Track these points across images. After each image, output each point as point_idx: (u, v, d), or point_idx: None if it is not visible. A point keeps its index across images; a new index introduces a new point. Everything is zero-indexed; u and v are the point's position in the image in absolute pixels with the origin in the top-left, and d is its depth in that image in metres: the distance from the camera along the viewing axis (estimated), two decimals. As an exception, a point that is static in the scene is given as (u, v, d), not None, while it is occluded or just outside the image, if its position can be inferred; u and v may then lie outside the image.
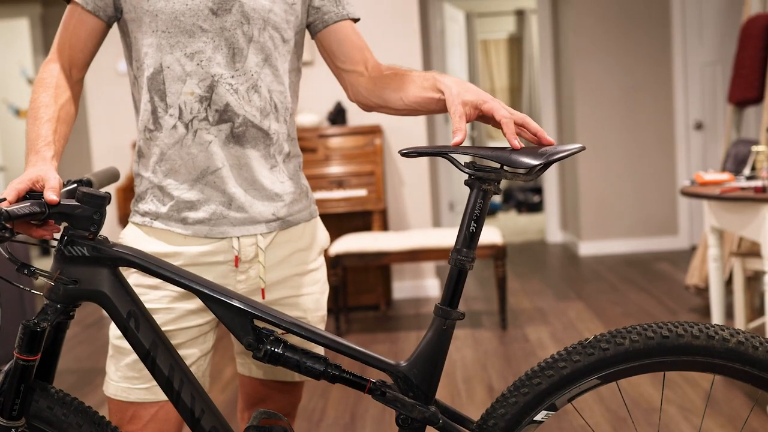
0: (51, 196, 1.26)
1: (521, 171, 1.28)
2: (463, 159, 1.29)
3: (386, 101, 1.51)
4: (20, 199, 1.27)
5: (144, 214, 1.51)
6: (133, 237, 1.51)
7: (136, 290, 1.45)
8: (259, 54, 1.47)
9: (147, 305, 1.44)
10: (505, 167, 1.26)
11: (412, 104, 1.47)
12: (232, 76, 1.45)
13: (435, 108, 1.44)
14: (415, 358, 1.32)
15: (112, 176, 1.55)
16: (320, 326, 1.62)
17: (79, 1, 1.47)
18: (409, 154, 1.31)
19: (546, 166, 1.24)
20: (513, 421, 1.27)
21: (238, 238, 1.49)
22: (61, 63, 1.49)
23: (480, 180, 1.28)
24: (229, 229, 1.48)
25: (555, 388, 1.26)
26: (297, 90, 1.59)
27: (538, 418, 1.27)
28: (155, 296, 1.47)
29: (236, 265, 1.49)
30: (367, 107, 1.58)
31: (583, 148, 1.27)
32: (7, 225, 1.18)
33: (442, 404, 1.35)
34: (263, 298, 1.53)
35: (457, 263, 1.29)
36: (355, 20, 1.58)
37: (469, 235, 1.28)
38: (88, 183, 1.43)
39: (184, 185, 1.47)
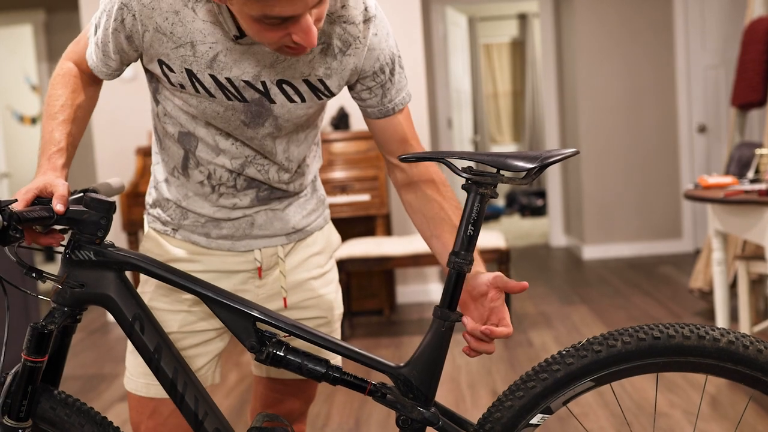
0: (58, 206, 1.28)
1: (518, 175, 1.29)
2: (461, 164, 1.30)
3: (415, 222, 1.49)
4: (28, 206, 1.29)
5: (165, 222, 1.53)
6: (154, 243, 1.54)
7: (158, 292, 1.50)
8: (283, 142, 1.47)
9: (167, 307, 1.49)
10: (501, 171, 1.28)
11: (436, 253, 1.45)
12: (265, 157, 1.47)
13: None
14: (414, 360, 1.33)
15: (118, 188, 1.56)
16: (338, 324, 1.67)
17: (103, 77, 1.45)
18: (407, 159, 1.32)
19: (541, 169, 1.26)
20: (509, 425, 1.28)
21: (260, 249, 1.53)
22: (83, 69, 1.48)
23: (477, 184, 1.29)
24: (252, 242, 1.53)
25: (549, 391, 1.27)
26: (320, 126, 1.57)
27: (534, 421, 1.28)
28: (176, 298, 1.51)
29: (260, 276, 1.54)
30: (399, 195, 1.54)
31: (577, 152, 1.28)
32: (18, 227, 1.20)
33: (442, 406, 1.36)
34: (285, 306, 1.56)
35: (456, 266, 1.30)
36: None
37: (467, 239, 1.30)
38: (94, 192, 1.45)
39: (205, 216, 1.51)
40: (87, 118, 1.47)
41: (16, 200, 1.27)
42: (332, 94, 1.44)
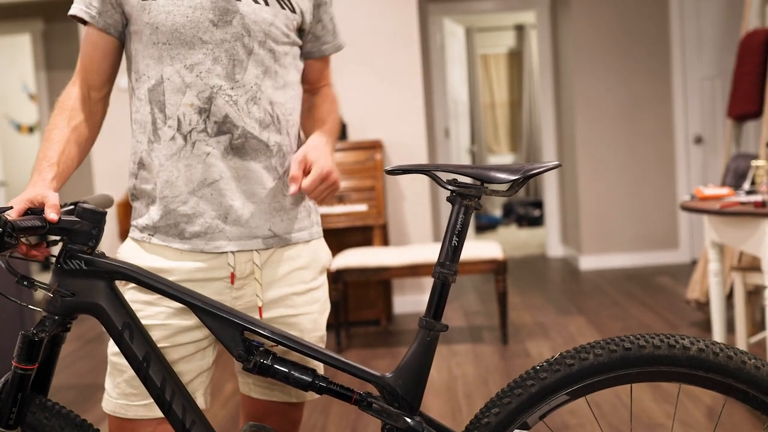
0: (51, 215, 1.29)
1: (500, 187, 1.31)
2: (446, 177, 1.31)
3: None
4: (21, 216, 1.31)
5: (142, 229, 1.51)
6: (130, 252, 1.52)
7: (133, 306, 1.46)
8: (259, 66, 1.48)
9: (143, 321, 1.45)
10: (485, 183, 1.29)
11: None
12: (232, 88, 1.46)
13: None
14: (400, 369, 1.34)
15: (107, 202, 1.57)
16: (319, 346, 1.61)
17: (88, 19, 1.50)
18: (393, 171, 1.34)
19: (524, 180, 1.27)
20: None
21: (233, 254, 1.48)
22: (80, 85, 1.53)
23: (461, 196, 1.31)
24: (225, 243, 1.48)
25: (525, 406, 1.28)
26: (300, 96, 1.61)
27: None
28: (151, 312, 1.47)
29: (232, 282, 1.49)
30: None
31: (558, 165, 1.30)
32: (14, 234, 1.21)
33: (427, 416, 1.36)
34: (260, 317, 1.52)
35: (441, 276, 1.31)
36: None
37: (451, 249, 1.31)
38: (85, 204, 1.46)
39: (179, 197, 1.47)
40: (84, 141, 1.51)
41: (11, 207, 1.28)
42: (292, 8, 1.53)
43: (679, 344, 1.25)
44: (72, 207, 1.41)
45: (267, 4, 1.48)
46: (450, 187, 1.31)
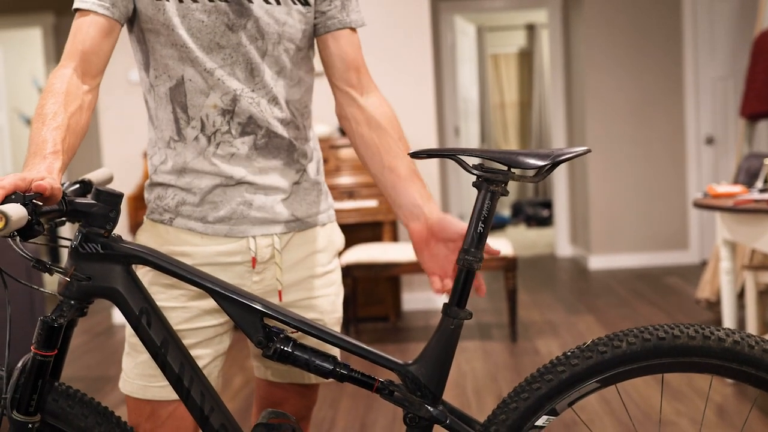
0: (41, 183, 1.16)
1: (528, 172, 1.29)
2: (472, 161, 1.30)
3: (366, 155, 1.56)
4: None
5: (163, 212, 1.50)
6: (149, 235, 1.51)
7: (153, 289, 1.46)
8: (273, 67, 1.48)
9: (163, 303, 1.45)
10: (512, 169, 1.28)
11: (387, 186, 1.54)
12: (252, 90, 1.46)
13: (398, 211, 1.52)
14: (422, 357, 1.33)
15: (109, 178, 1.56)
16: (336, 328, 1.62)
17: (103, 11, 1.40)
18: (418, 155, 1.33)
19: (553, 166, 1.26)
20: (514, 427, 1.27)
21: (254, 238, 1.49)
22: (73, 69, 1.39)
23: (488, 181, 1.29)
24: (249, 228, 1.49)
25: (555, 392, 1.26)
26: (312, 87, 1.60)
27: (539, 423, 1.27)
28: (172, 295, 1.47)
29: (253, 266, 1.50)
30: (345, 131, 1.60)
31: (588, 151, 1.28)
32: (41, 220, 1.19)
33: (449, 405, 1.35)
34: (280, 300, 1.53)
35: (465, 263, 1.30)
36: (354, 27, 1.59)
37: (477, 236, 1.30)
38: (89, 184, 1.44)
39: (206, 188, 1.48)
40: (80, 131, 1.35)
41: (39, 194, 1.19)
42: (304, 1, 1.48)
43: (714, 335, 1.23)
44: (78, 186, 1.39)
45: (279, 3, 1.45)
46: (476, 172, 1.29)
